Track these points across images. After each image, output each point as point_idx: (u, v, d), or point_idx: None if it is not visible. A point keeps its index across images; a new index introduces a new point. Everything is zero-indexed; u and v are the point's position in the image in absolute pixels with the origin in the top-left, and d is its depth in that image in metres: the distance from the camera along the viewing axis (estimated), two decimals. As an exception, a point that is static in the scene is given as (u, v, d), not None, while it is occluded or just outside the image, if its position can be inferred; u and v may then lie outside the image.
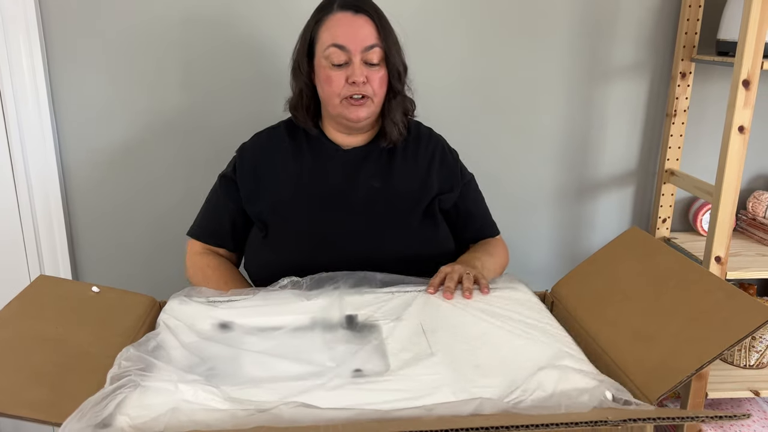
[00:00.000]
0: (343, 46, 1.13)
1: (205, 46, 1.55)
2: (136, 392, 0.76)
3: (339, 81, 1.14)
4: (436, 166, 1.26)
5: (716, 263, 1.42)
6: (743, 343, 1.53)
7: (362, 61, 1.14)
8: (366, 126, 1.23)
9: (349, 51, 1.13)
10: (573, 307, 1.04)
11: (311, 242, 1.18)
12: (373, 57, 1.14)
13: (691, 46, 1.60)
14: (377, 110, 1.20)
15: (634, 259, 1.02)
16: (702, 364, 0.80)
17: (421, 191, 1.23)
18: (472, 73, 1.63)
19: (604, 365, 0.89)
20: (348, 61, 1.14)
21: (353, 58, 1.13)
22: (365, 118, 1.18)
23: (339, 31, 1.13)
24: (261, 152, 1.25)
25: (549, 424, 0.61)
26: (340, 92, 1.15)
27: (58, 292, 0.97)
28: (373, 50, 1.14)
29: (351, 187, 1.21)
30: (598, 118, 1.70)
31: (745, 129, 1.35)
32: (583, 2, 1.61)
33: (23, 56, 1.48)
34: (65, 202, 1.60)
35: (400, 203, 1.21)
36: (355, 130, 1.23)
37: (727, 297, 0.85)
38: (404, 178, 1.23)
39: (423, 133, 1.30)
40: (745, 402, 1.64)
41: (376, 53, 1.15)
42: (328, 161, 1.23)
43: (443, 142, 1.31)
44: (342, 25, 1.14)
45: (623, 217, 1.78)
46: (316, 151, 1.24)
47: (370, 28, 1.14)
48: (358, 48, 1.13)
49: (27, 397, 0.75)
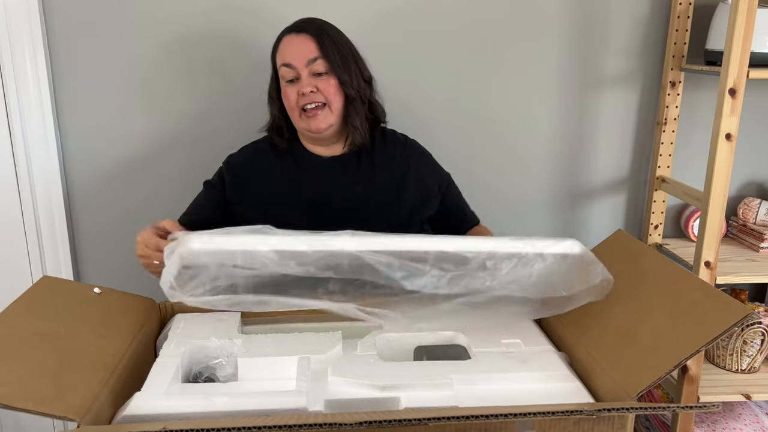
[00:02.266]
0: (290, 64, 1.25)
1: (210, 56, 1.59)
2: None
3: (293, 96, 1.25)
4: (417, 167, 1.35)
5: (706, 268, 1.45)
6: (735, 348, 1.55)
7: (310, 73, 1.25)
8: (333, 136, 1.31)
9: (295, 67, 1.25)
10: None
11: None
12: (318, 68, 1.24)
13: (680, 55, 1.64)
14: (337, 118, 1.28)
15: (618, 261, 1.05)
16: (680, 360, 0.82)
17: (403, 192, 1.31)
18: (464, 81, 1.67)
19: (587, 363, 0.92)
20: (297, 76, 1.25)
21: (300, 72, 1.24)
22: (325, 128, 1.26)
23: (285, 51, 1.27)
24: (246, 164, 1.34)
25: (526, 413, 0.64)
26: (296, 105, 1.25)
27: (60, 293, 1.00)
28: (316, 62, 1.24)
29: (335, 193, 1.30)
30: (590, 126, 1.73)
31: (732, 136, 1.38)
32: (573, 12, 1.65)
33: (27, 65, 1.52)
34: (68, 206, 1.64)
35: (384, 206, 1.30)
36: (325, 141, 1.32)
37: (705, 296, 0.88)
38: (385, 181, 1.31)
39: (398, 138, 1.39)
40: (736, 406, 1.66)
41: (320, 64, 1.24)
42: (310, 171, 1.31)
43: (417, 145, 1.40)
44: (287, 46, 1.27)
45: (615, 224, 1.80)
46: (298, 162, 1.33)
47: (311, 44, 1.25)
48: (302, 62, 1.24)
49: (31, 391, 0.78)
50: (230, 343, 0.96)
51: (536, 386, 0.87)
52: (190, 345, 0.96)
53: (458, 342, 1.01)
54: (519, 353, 0.95)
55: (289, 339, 0.98)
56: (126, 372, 0.90)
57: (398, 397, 0.83)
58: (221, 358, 0.94)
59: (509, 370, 0.90)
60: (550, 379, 0.89)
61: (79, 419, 0.75)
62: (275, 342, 0.97)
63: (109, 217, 1.67)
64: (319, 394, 0.84)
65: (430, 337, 1.01)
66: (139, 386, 0.85)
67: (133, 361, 0.93)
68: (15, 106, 1.54)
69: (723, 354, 1.58)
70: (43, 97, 1.55)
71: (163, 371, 0.89)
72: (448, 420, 0.64)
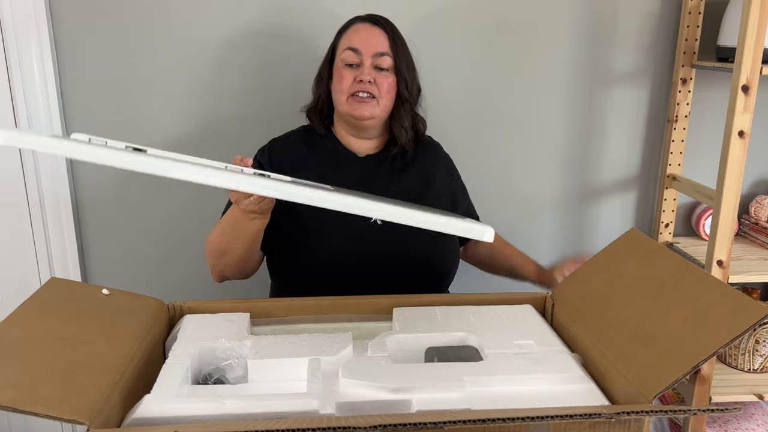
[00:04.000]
0: (356, 49, 1.25)
1: (219, 56, 1.58)
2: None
3: (348, 79, 1.25)
4: (443, 173, 1.36)
5: (718, 267, 1.43)
6: (747, 347, 1.54)
7: (372, 65, 1.25)
8: (373, 130, 1.30)
9: (361, 54, 1.25)
10: (574, 309, 1.06)
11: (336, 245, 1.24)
12: (382, 63, 1.25)
13: (691, 52, 1.62)
14: (383, 115, 1.27)
15: (632, 261, 1.04)
16: (698, 362, 0.81)
17: (429, 196, 1.31)
18: (474, 80, 1.66)
19: (601, 364, 0.91)
20: (360, 63, 1.25)
21: (364, 60, 1.25)
22: (369, 117, 1.25)
23: (355, 37, 1.27)
24: (282, 150, 1.32)
25: (543, 416, 0.63)
26: (348, 89, 1.25)
27: (69, 294, 0.99)
28: (383, 57, 1.25)
29: (368, 190, 1.26)
30: (600, 124, 1.72)
31: (745, 134, 1.36)
32: (584, 10, 1.63)
33: (35, 65, 1.52)
34: (75, 207, 1.64)
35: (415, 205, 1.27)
36: (363, 132, 1.30)
37: (723, 296, 0.86)
38: (415, 183, 1.31)
39: (428, 142, 1.41)
40: (749, 406, 1.64)
41: (386, 60, 1.25)
42: (345, 167, 1.30)
43: (443, 150, 1.43)
44: (358, 32, 1.27)
45: (626, 222, 1.79)
46: (332, 156, 1.31)
47: (383, 38, 1.26)
48: (370, 52, 1.25)
49: (40, 394, 0.77)
50: (240, 344, 0.95)
51: (550, 388, 0.86)
52: (200, 346, 0.95)
53: (470, 343, 0.99)
54: (532, 354, 0.94)
55: (298, 340, 0.97)
56: (135, 374, 0.89)
57: (410, 400, 0.82)
58: (231, 359, 0.93)
59: (522, 371, 0.89)
60: (564, 380, 0.87)
61: (89, 422, 0.75)
62: (285, 343, 0.96)
63: (117, 218, 1.66)
64: (330, 397, 0.83)
65: (441, 338, 1.00)
66: (149, 388, 0.84)
67: (142, 362, 0.92)
68: (23, 107, 1.54)
69: (735, 353, 1.56)
70: (50, 97, 1.54)
71: (173, 373, 0.88)
72: (464, 423, 0.63)
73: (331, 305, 1.09)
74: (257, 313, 1.08)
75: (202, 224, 1.65)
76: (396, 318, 1.05)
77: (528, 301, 1.13)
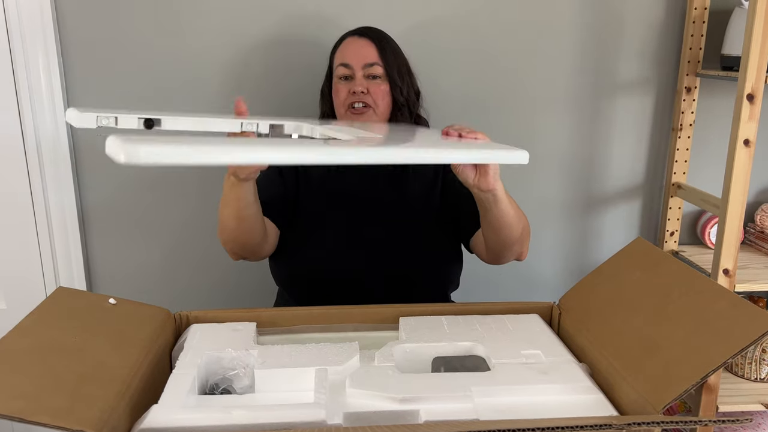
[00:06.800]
0: (347, 63, 1.31)
1: (223, 59, 1.59)
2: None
3: (344, 92, 1.30)
4: (444, 174, 1.37)
5: (724, 276, 1.43)
6: (754, 356, 1.53)
7: (364, 75, 1.30)
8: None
9: (352, 67, 1.30)
10: (580, 318, 1.06)
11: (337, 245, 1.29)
12: (373, 72, 1.30)
13: (695, 61, 1.62)
14: (381, 121, 1.31)
15: (639, 270, 1.03)
16: (707, 372, 0.80)
17: (433, 197, 1.34)
18: (478, 88, 1.66)
19: (609, 374, 0.91)
20: (352, 75, 1.31)
21: (356, 72, 1.30)
22: None
23: (346, 52, 1.33)
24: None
25: (553, 428, 0.62)
26: (344, 102, 1.30)
27: (76, 304, 0.99)
28: (373, 67, 1.30)
29: (372, 194, 1.33)
30: (605, 132, 1.72)
31: (750, 142, 1.36)
32: (588, 18, 1.64)
33: (41, 68, 1.54)
34: (80, 215, 1.64)
35: (416, 209, 1.32)
36: None
37: (731, 306, 0.86)
38: (421, 182, 1.34)
39: None
40: (756, 415, 1.63)
41: (377, 69, 1.30)
42: (349, 169, 1.33)
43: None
44: (348, 46, 1.33)
45: (631, 230, 1.79)
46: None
47: (371, 48, 1.31)
48: (360, 64, 1.30)
49: (47, 404, 0.77)
50: (246, 354, 0.95)
51: (558, 398, 0.86)
52: (206, 356, 0.95)
53: (477, 353, 0.99)
54: (539, 364, 0.93)
55: (305, 350, 0.97)
56: (142, 384, 0.89)
57: (418, 410, 0.81)
58: (238, 369, 0.93)
59: (530, 381, 0.88)
60: (572, 390, 0.87)
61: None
62: (292, 353, 0.95)
63: (123, 227, 1.66)
64: (337, 407, 0.83)
65: (448, 348, 1.00)
66: (156, 398, 0.84)
67: (149, 372, 0.92)
68: (28, 111, 1.55)
69: (741, 363, 1.55)
70: (56, 102, 1.56)
71: (180, 383, 0.87)
72: (473, 435, 0.63)
73: (337, 314, 1.09)
74: (263, 323, 1.08)
75: (208, 233, 1.66)
76: (402, 327, 1.05)
77: (534, 311, 1.13)
